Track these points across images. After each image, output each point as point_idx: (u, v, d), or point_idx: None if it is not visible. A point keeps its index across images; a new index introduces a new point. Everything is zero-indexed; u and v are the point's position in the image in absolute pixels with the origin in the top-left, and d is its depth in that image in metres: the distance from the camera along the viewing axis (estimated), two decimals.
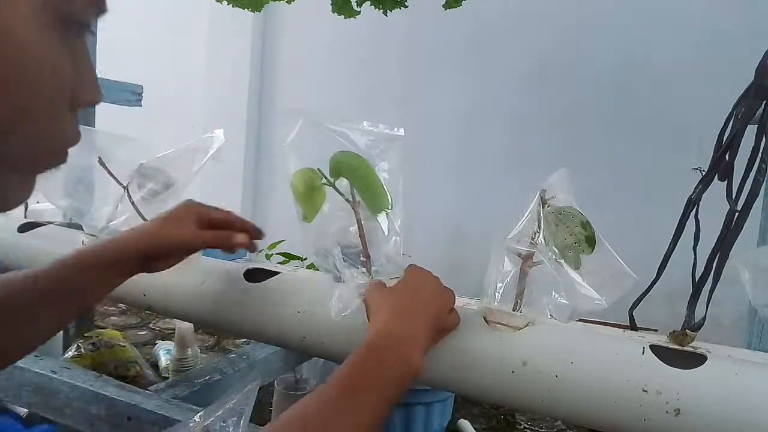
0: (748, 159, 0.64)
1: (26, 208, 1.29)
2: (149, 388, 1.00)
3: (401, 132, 0.67)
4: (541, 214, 0.62)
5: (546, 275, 0.61)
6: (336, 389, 0.48)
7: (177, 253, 0.71)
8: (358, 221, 0.67)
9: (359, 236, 0.68)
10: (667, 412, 0.54)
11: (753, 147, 0.64)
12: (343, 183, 0.67)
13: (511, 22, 2.51)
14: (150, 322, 2.41)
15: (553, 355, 0.60)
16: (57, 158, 0.35)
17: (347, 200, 0.67)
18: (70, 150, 0.35)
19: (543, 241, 0.61)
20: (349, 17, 1.71)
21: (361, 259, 0.68)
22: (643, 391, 0.55)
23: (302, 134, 0.65)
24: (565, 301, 0.60)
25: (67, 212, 0.94)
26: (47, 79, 0.31)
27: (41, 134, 0.32)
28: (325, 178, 0.66)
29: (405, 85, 2.77)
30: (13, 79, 0.29)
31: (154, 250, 0.68)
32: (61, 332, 1.71)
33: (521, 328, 0.62)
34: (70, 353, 1.43)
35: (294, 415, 0.45)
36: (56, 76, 0.31)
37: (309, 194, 0.67)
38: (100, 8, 0.34)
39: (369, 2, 1.70)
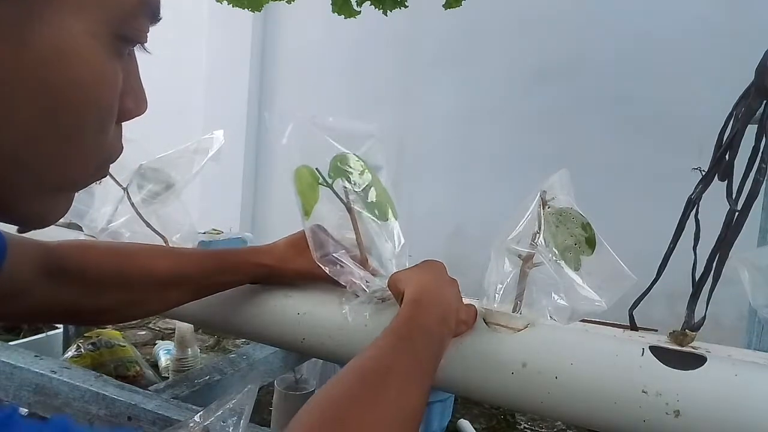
0: (748, 159, 0.64)
1: None
2: (149, 388, 1.00)
3: (373, 127, 0.67)
4: (542, 215, 0.62)
5: (546, 276, 0.61)
6: (389, 339, 0.49)
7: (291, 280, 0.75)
8: (354, 224, 0.67)
9: (356, 240, 0.67)
10: (666, 413, 0.54)
11: (753, 147, 0.64)
12: (340, 185, 0.66)
13: (512, 21, 2.51)
14: (150, 322, 2.41)
15: (553, 356, 0.60)
16: (99, 174, 0.34)
17: (343, 202, 0.66)
18: None
19: (543, 243, 0.61)
20: (349, 17, 1.71)
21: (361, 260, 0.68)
22: (643, 392, 0.55)
23: (294, 135, 0.66)
24: (564, 303, 0.60)
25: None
26: (101, 99, 0.30)
27: (88, 153, 0.31)
28: (323, 178, 0.65)
29: (405, 85, 2.76)
30: (67, 101, 0.28)
31: (268, 278, 0.72)
32: (61, 332, 1.72)
33: (521, 330, 0.62)
34: (70, 353, 1.43)
35: (352, 366, 0.46)
36: (109, 94, 0.30)
37: (304, 193, 0.66)
38: (156, 19, 0.32)
39: (369, 2, 1.69)
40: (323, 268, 0.66)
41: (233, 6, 1.72)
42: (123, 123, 0.34)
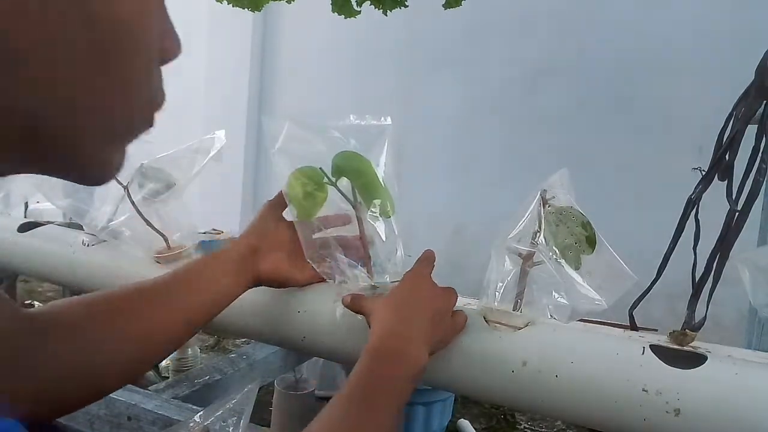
0: (748, 159, 0.64)
1: (26, 208, 1.28)
2: (149, 388, 1.00)
3: (389, 122, 0.67)
4: (542, 214, 0.62)
5: (546, 275, 0.61)
6: (352, 403, 0.48)
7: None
8: (359, 222, 0.67)
9: (360, 237, 0.68)
10: (667, 412, 0.54)
11: (753, 147, 0.64)
12: (343, 183, 0.67)
13: (512, 21, 2.51)
14: None
15: (553, 355, 0.60)
16: (148, 122, 0.32)
17: (349, 200, 0.66)
18: None
19: (543, 241, 0.61)
20: (349, 17, 1.71)
21: (362, 259, 0.68)
22: (643, 390, 0.55)
23: (290, 138, 0.66)
24: (565, 301, 0.60)
25: (67, 212, 0.94)
26: (146, 35, 0.28)
27: (139, 96, 0.30)
28: (327, 177, 0.66)
29: (405, 85, 2.77)
30: (114, 38, 0.26)
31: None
32: None
33: (521, 328, 0.62)
34: None
35: None
36: (152, 31, 0.29)
37: (310, 193, 0.66)
38: None
39: (369, 2, 1.69)
40: (314, 265, 0.66)
41: (233, 6, 1.72)
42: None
